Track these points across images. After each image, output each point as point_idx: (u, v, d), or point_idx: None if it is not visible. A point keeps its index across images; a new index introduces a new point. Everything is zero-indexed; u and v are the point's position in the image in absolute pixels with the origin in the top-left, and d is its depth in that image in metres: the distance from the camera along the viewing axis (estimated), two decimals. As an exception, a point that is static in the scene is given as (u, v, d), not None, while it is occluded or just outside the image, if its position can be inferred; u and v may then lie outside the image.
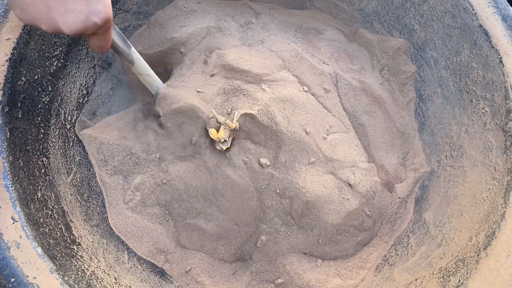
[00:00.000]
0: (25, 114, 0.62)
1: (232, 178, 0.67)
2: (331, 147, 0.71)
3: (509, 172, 0.61)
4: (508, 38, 0.66)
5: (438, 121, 0.75)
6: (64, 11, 0.49)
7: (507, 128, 0.63)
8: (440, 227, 0.67)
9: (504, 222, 0.58)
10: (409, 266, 0.66)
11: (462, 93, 0.71)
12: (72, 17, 0.50)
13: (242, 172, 0.67)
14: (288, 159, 0.68)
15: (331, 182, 0.69)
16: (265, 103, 0.68)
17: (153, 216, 0.71)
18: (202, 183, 0.69)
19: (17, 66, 0.60)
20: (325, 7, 0.84)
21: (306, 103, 0.72)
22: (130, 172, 0.72)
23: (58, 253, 0.56)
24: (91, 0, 0.49)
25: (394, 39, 0.81)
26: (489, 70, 0.67)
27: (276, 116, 0.68)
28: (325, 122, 0.73)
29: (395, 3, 0.78)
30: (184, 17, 0.79)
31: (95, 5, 0.50)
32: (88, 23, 0.50)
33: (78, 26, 0.50)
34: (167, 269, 0.69)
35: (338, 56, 0.81)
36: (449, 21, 0.72)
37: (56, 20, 0.50)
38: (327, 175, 0.69)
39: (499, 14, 0.67)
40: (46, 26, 0.51)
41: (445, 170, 0.72)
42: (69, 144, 0.70)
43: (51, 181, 0.64)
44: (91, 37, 0.55)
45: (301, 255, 0.70)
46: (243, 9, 0.82)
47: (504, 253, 0.56)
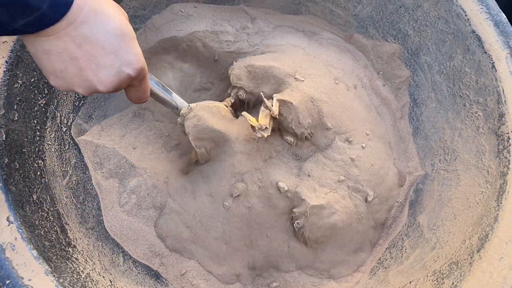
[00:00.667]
0: (21, 117, 0.62)
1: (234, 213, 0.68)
2: (365, 164, 0.72)
3: (501, 175, 0.62)
4: (501, 44, 0.67)
5: (432, 125, 0.76)
6: (95, 68, 0.48)
7: (500, 132, 0.64)
8: (434, 230, 0.68)
9: (497, 224, 0.59)
10: (404, 269, 0.66)
11: (456, 98, 0.72)
12: (104, 73, 0.48)
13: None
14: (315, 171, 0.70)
15: (351, 200, 0.70)
16: (305, 92, 0.70)
17: (149, 219, 0.71)
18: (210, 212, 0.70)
19: (14, 68, 0.60)
20: (320, 12, 0.85)
21: (346, 96, 0.74)
22: (125, 175, 0.72)
23: (53, 255, 0.56)
24: (120, 52, 0.48)
25: (389, 44, 0.82)
26: (482, 75, 0.68)
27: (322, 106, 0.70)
28: (366, 124, 0.74)
29: (389, 9, 0.79)
30: (181, 22, 0.79)
31: (125, 55, 0.48)
32: (122, 76, 0.49)
33: (112, 80, 0.49)
34: (162, 272, 0.69)
35: (343, 53, 0.82)
36: (442, 26, 0.73)
37: (90, 80, 0.49)
38: (351, 193, 0.71)
39: (491, 20, 0.68)
40: (82, 89, 0.50)
41: (439, 173, 0.73)
42: (65, 147, 0.70)
43: (47, 183, 0.64)
44: (128, 89, 0.54)
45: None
46: (239, 14, 0.83)
47: (497, 255, 0.56)
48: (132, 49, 0.49)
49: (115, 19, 0.47)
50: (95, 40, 0.46)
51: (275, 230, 0.69)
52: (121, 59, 0.48)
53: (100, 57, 0.47)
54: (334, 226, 0.67)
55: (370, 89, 0.81)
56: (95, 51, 0.47)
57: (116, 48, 0.48)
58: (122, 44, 0.48)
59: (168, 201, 0.71)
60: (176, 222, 0.70)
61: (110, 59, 0.48)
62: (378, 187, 0.72)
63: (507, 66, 0.65)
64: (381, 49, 0.82)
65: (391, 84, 0.82)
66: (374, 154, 0.73)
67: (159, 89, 0.64)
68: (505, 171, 0.62)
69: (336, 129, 0.72)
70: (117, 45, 0.47)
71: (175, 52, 0.79)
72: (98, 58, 0.47)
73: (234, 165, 0.68)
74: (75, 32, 0.45)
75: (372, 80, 0.82)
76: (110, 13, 0.46)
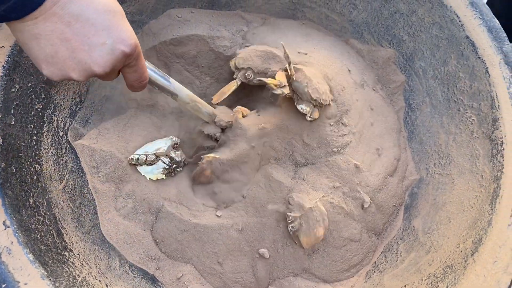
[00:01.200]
0: (18, 121, 0.62)
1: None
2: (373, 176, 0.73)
3: (495, 180, 0.62)
4: (494, 49, 0.67)
5: (426, 130, 0.77)
6: (88, 49, 0.47)
7: (494, 137, 0.65)
8: (429, 234, 0.68)
9: (490, 228, 0.59)
10: (399, 273, 0.67)
11: (450, 102, 0.73)
12: (98, 52, 0.47)
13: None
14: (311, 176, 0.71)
15: (346, 206, 0.70)
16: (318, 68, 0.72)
17: (145, 223, 0.71)
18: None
19: (11, 73, 0.60)
20: (316, 18, 0.86)
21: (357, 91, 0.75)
22: (122, 179, 0.72)
23: (49, 259, 0.56)
24: (112, 29, 0.47)
25: (384, 49, 0.82)
26: (475, 80, 0.69)
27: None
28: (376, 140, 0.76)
29: (384, 14, 0.80)
30: (178, 27, 0.80)
31: (117, 32, 0.47)
32: (117, 53, 0.48)
33: (107, 59, 0.48)
34: (159, 276, 0.69)
35: (342, 51, 0.83)
36: (436, 32, 0.74)
37: (84, 61, 0.47)
38: (346, 198, 0.71)
39: (485, 25, 0.68)
40: (77, 73, 0.48)
41: (433, 177, 0.73)
42: (61, 151, 0.70)
43: (43, 187, 0.64)
44: (125, 71, 0.53)
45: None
46: (235, 19, 0.83)
47: (490, 259, 0.57)
48: (123, 25, 0.48)
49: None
50: (84, 18, 0.45)
51: (270, 237, 0.69)
52: (113, 36, 0.47)
53: (91, 36, 0.46)
54: (327, 230, 0.68)
55: (372, 91, 0.82)
56: (86, 30, 0.46)
57: (107, 25, 0.47)
58: (113, 21, 0.47)
59: (165, 205, 0.71)
60: (172, 226, 0.70)
61: (102, 37, 0.47)
62: (377, 194, 0.72)
63: (500, 72, 0.66)
64: (376, 54, 0.83)
65: (386, 89, 0.83)
66: (383, 164, 0.75)
67: (156, 75, 0.63)
68: (499, 176, 0.62)
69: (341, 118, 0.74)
70: (108, 22, 0.46)
71: (174, 57, 0.79)
72: (90, 37, 0.46)
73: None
74: (62, 10, 0.44)
75: (375, 82, 0.83)
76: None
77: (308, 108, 0.68)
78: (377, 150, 0.75)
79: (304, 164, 0.73)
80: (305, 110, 0.68)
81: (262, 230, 0.69)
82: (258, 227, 0.69)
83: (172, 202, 0.72)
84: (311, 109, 0.69)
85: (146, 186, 0.72)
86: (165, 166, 0.72)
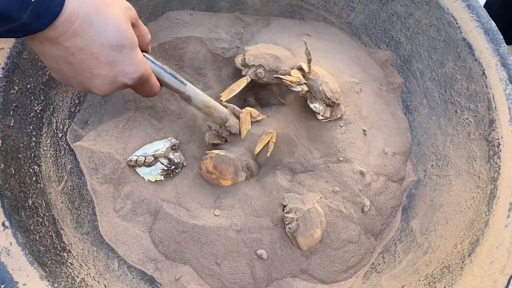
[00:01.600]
0: (17, 123, 0.62)
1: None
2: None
3: (492, 181, 0.63)
4: (491, 51, 0.68)
5: (424, 131, 0.77)
6: (90, 76, 0.48)
7: (490, 138, 0.65)
8: (426, 235, 0.68)
9: (487, 229, 0.60)
10: (396, 274, 0.67)
11: (447, 104, 0.73)
12: (99, 81, 0.48)
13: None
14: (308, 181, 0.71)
15: (345, 209, 0.71)
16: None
17: (144, 224, 0.71)
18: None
19: (10, 75, 0.61)
20: (314, 20, 0.86)
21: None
22: (120, 180, 0.73)
23: (48, 260, 0.56)
24: (116, 63, 0.48)
25: (382, 51, 0.83)
26: (472, 81, 0.69)
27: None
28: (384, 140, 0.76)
29: (382, 17, 0.80)
30: (176, 29, 0.80)
31: (121, 67, 0.48)
32: (117, 84, 0.49)
33: (107, 88, 0.49)
34: (157, 277, 0.69)
35: (341, 50, 0.83)
36: (434, 34, 0.75)
37: (85, 84, 0.49)
38: (346, 202, 0.71)
39: (481, 28, 0.69)
40: (79, 87, 0.50)
41: (431, 179, 0.74)
42: (60, 152, 0.70)
43: (42, 188, 0.64)
44: (131, 89, 0.54)
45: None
46: (234, 21, 0.84)
47: (487, 259, 0.57)
48: (129, 60, 0.48)
49: (113, 31, 0.46)
50: (88, 51, 0.45)
51: (268, 238, 0.69)
52: (117, 71, 0.48)
53: (94, 67, 0.47)
54: (324, 231, 0.68)
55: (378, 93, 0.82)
56: (89, 62, 0.46)
57: (112, 60, 0.47)
58: (118, 57, 0.47)
59: (163, 206, 0.71)
60: (171, 227, 0.70)
61: (104, 69, 0.47)
62: (377, 197, 0.73)
63: (497, 73, 0.66)
64: (374, 56, 0.83)
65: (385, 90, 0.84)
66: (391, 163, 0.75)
67: (172, 81, 0.63)
68: (496, 177, 0.63)
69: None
70: (112, 57, 0.47)
71: (172, 58, 0.80)
72: (92, 68, 0.47)
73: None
74: (67, 42, 0.44)
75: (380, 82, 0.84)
76: (108, 24, 0.46)
77: (321, 107, 0.69)
78: (384, 152, 0.75)
79: (303, 171, 0.73)
80: (318, 109, 0.69)
81: (260, 231, 0.69)
82: (256, 228, 0.69)
83: (171, 203, 0.72)
84: (324, 108, 0.69)
85: (144, 187, 0.72)
86: (163, 167, 0.73)
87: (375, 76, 0.80)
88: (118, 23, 0.47)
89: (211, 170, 0.72)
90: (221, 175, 0.72)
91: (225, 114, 0.72)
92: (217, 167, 0.71)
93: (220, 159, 0.71)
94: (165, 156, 0.73)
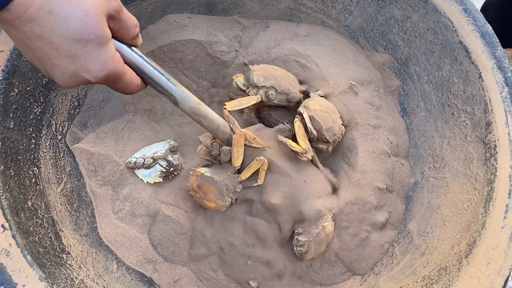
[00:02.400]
0: (17, 125, 0.63)
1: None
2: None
3: (489, 183, 0.63)
4: (487, 54, 0.68)
5: (421, 134, 0.77)
6: (51, 65, 0.45)
7: (487, 140, 0.66)
8: (424, 237, 0.69)
9: (484, 231, 0.60)
10: (394, 275, 0.67)
11: (444, 107, 0.74)
12: (60, 72, 0.45)
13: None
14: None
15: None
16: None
17: (143, 226, 0.72)
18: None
19: (10, 77, 0.61)
20: (312, 23, 0.87)
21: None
22: (119, 182, 0.73)
23: (47, 262, 0.56)
24: (78, 58, 0.44)
25: (379, 54, 0.83)
26: (469, 84, 0.70)
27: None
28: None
29: (379, 20, 0.81)
30: (175, 32, 0.80)
31: (84, 62, 0.45)
32: (79, 79, 0.46)
33: (67, 80, 0.46)
34: (156, 279, 0.69)
35: (339, 53, 0.84)
36: (431, 37, 0.75)
37: (47, 71, 0.46)
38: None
39: (478, 31, 0.69)
40: (44, 73, 0.48)
41: (428, 181, 0.74)
42: (60, 154, 0.70)
43: (42, 190, 0.65)
44: (104, 84, 0.50)
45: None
46: (232, 24, 0.84)
47: (484, 261, 0.57)
48: (94, 56, 0.45)
49: (77, 23, 0.43)
50: (47, 40, 0.43)
51: (272, 251, 0.69)
52: (79, 66, 0.45)
53: (53, 58, 0.44)
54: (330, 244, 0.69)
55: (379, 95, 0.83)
56: (48, 50, 0.44)
57: (73, 54, 0.44)
58: (81, 51, 0.44)
59: (162, 208, 0.71)
60: (169, 229, 0.70)
61: (65, 62, 0.44)
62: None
63: (493, 76, 0.67)
64: (372, 59, 0.84)
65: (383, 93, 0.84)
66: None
67: (158, 78, 0.57)
68: (492, 179, 0.63)
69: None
70: (74, 51, 0.44)
71: (171, 61, 0.80)
72: (52, 58, 0.44)
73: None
74: (24, 27, 0.42)
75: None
76: (71, 16, 0.42)
77: (325, 146, 0.72)
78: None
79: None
80: (323, 148, 0.73)
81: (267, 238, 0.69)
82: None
83: (169, 205, 0.72)
84: (327, 146, 0.72)
85: (143, 189, 0.73)
86: (162, 169, 0.73)
87: (372, 79, 0.81)
88: (86, 15, 0.43)
89: (195, 188, 0.68)
90: (205, 196, 0.68)
91: (217, 125, 0.65)
92: (201, 187, 0.68)
93: (204, 179, 0.67)
94: (164, 158, 0.73)
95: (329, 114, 0.70)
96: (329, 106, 0.72)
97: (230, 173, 0.68)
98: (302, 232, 0.67)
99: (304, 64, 0.78)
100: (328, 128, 0.69)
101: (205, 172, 0.68)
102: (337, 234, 0.70)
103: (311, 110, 0.69)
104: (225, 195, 0.67)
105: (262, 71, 0.72)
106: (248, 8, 0.85)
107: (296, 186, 0.67)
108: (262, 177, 0.67)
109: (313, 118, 0.68)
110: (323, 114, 0.69)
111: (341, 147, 0.75)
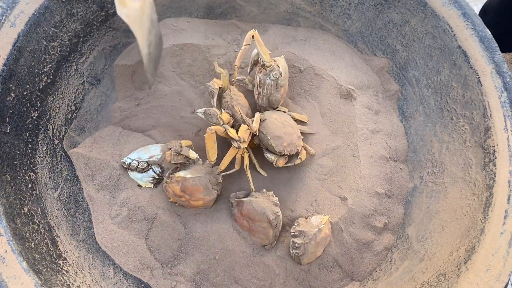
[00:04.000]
0: (13, 129, 0.62)
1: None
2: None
3: (488, 188, 0.63)
4: (486, 59, 0.68)
5: (420, 139, 0.77)
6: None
7: (486, 145, 0.65)
8: (423, 242, 0.68)
9: (483, 236, 0.60)
10: (393, 281, 0.67)
11: (443, 111, 0.74)
12: None
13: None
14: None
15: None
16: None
17: (140, 231, 0.71)
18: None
19: (7, 82, 0.61)
20: (311, 27, 0.87)
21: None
22: (117, 187, 0.73)
23: (43, 268, 0.56)
24: None
25: (378, 58, 0.83)
26: (468, 89, 0.69)
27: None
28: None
29: (378, 24, 0.81)
30: (173, 36, 0.80)
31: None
32: None
33: None
34: (153, 285, 0.69)
35: (337, 57, 0.83)
36: (429, 42, 0.75)
37: None
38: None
39: (476, 36, 0.69)
40: None
41: (427, 186, 0.74)
42: (56, 159, 0.70)
43: (38, 196, 0.64)
44: None
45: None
46: (230, 28, 0.84)
47: (483, 267, 0.57)
48: None
49: None
50: None
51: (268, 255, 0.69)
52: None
53: None
54: (327, 247, 0.69)
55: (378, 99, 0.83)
56: None
57: None
58: None
59: (159, 213, 0.71)
60: (167, 234, 0.70)
61: None
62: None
63: (492, 81, 0.67)
64: (371, 63, 0.84)
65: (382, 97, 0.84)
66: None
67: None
68: (491, 184, 0.63)
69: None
70: None
71: (169, 65, 0.80)
72: None
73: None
74: None
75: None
76: None
77: (273, 157, 0.72)
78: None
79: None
80: (270, 159, 0.72)
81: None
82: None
83: (167, 211, 0.72)
84: (276, 158, 0.71)
85: (140, 194, 0.72)
86: (154, 175, 0.72)
87: (371, 83, 0.80)
88: None
89: (179, 193, 0.69)
90: (191, 198, 0.69)
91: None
92: (186, 190, 0.68)
93: (186, 182, 0.68)
94: (159, 164, 0.72)
95: (283, 125, 0.71)
96: (287, 119, 0.73)
97: (207, 167, 0.71)
98: (298, 234, 0.66)
99: (302, 68, 0.78)
100: (277, 138, 0.69)
101: (185, 175, 0.69)
102: (335, 239, 0.70)
103: (266, 115, 0.71)
104: (211, 189, 0.70)
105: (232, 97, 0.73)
106: (246, 12, 0.85)
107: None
108: (239, 162, 0.71)
109: (263, 121, 0.71)
110: (277, 123, 0.71)
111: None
